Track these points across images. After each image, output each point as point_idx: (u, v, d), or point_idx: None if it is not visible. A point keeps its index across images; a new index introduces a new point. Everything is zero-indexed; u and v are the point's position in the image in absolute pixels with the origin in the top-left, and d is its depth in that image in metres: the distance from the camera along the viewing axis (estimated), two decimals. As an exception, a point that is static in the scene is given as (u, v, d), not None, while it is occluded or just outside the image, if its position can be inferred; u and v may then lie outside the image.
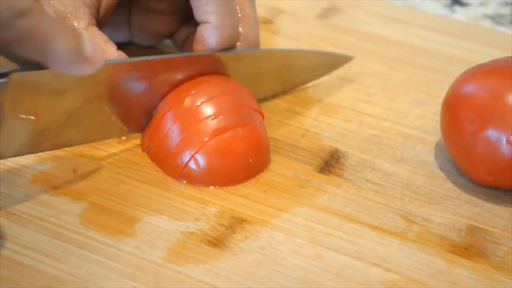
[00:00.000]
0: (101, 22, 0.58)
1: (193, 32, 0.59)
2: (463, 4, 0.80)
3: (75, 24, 0.56)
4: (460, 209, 0.55)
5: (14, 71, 0.48)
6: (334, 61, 0.66)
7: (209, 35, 0.57)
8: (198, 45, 0.58)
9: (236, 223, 0.53)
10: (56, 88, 0.51)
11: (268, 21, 0.73)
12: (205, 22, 0.57)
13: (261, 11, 0.73)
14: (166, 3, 0.62)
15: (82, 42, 0.47)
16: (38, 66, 0.47)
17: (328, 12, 0.74)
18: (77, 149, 0.57)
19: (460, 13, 0.79)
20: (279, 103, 0.63)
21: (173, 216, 0.53)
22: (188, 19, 0.62)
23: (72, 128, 0.54)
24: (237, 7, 0.59)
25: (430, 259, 0.51)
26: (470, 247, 0.52)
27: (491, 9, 0.80)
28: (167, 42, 0.65)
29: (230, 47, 0.58)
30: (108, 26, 0.60)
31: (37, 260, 0.49)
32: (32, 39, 0.45)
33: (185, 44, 0.62)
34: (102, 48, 0.55)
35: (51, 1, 0.56)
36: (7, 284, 0.48)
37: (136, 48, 0.64)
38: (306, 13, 0.74)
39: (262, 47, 0.69)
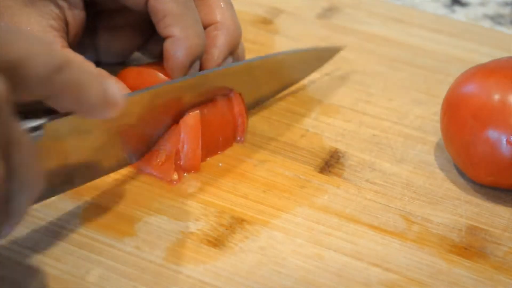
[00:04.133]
0: (72, 46, 0.57)
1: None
2: (463, 4, 0.80)
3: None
4: (460, 209, 0.55)
5: (46, 121, 0.48)
6: (322, 56, 0.65)
7: (175, 50, 0.56)
8: (167, 62, 0.56)
9: (236, 223, 0.53)
10: (83, 129, 0.51)
11: (268, 21, 0.73)
12: (169, 36, 0.56)
13: (261, 11, 0.73)
14: (132, 16, 0.60)
15: (107, 86, 0.46)
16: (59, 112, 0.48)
17: (328, 12, 0.74)
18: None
19: (460, 13, 0.79)
20: (279, 103, 0.63)
21: (173, 216, 0.53)
22: (154, 31, 0.60)
23: (98, 163, 0.54)
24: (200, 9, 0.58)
25: (430, 259, 0.51)
26: (470, 247, 0.52)
27: (491, 9, 0.80)
28: (135, 55, 0.64)
29: (199, 55, 0.57)
30: (75, 51, 0.58)
31: (37, 260, 0.49)
32: (69, 91, 0.44)
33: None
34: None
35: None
36: (7, 284, 0.48)
37: (104, 66, 0.63)
38: (306, 13, 0.74)
39: (261, 47, 0.69)
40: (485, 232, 0.53)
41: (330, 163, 0.58)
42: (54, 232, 0.51)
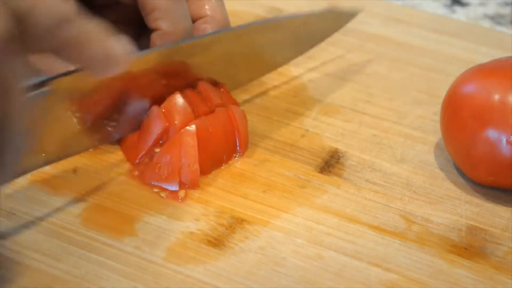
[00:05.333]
0: None
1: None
2: (463, 4, 0.80)
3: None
4: (460, 209, 0.55)
5: (53, 78, 0.48)
6: (338, 18, 0.65)
7: (161, 43, 0.56)
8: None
9: (236, 223, 0.53)
10: (88, 88, 0.51)
11: (268, 21, 0.73)
12: (156, 29, 0.56)
13: (261, 11, 0.73)
14: (123, 11, 0.60)
15: (111, 43, 0.47)
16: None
17: (328, 12, 0.74)
18: (77, 149, 0.57)
19: (460, 13, 0.79)
20: (279, 103, 0.63)
21: (173, 216, 0.53)
22: (142, 32, 0.60)
23: (102, 128, 0.54)
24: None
25: (430, 259, 0.51)
26: (470, 247, 0.52)
27: (491, 9, 0.80)
28: None
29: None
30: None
31: (37, 260, 0.49)
32: (72, 45, 0.45)
33: None
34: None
35: None
36: (7, 284, 0.48)
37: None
38: (306, 13, 0.74)
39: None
40: (485, 232, 0.53)
41: (330, 163, 0.58)
42: (54, 232, 0.51)
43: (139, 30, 0.62)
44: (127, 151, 0.57)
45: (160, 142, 0.55)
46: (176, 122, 0.55)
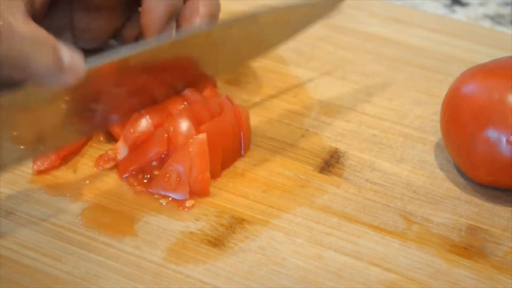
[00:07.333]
0: (38, 16, 0.55)
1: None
2: (463, 4, 0.80)
3: (11, 19, 0.52)
4: (460, 209, 0.55)
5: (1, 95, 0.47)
6: (322, 7, 0.64)
7: (155, 4, 0.56)
8: (145, 16, 0.57)
9: (236, 223, 0.53)
10: (45, 98, 0.50)
11: (268, 21, 0.73)
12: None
13: (261, 11, 0.73)
14: None
15: (60, 54, 0.46)
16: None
17: (328, 12, 0.74)
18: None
19: (460, 13, 0.79)
20: (279, 103, 0.63)
21: (173, 216, 0.53)
22: (130, 15, 0.61)
23: (66, 129, 0.53)
24: None
25: (430, 259, 0.51)
26: (470, 247, 0.52)
27: (491, 9, 0.80)
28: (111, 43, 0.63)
29: (176, 13, 0.57)
30: (50, 32, 0.59)
31: (37, 260, 0.49)
32: (9, 62, 0.44)
33: (140, 39, 0.60)
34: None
35: None
36: (7, 284, 0.48)
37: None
38: (306, 13, 0.74)
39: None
40: (485, 232, 0.53)
41: (330, 163, 0.58)
42: (54, 232, 0.51)
43: (124, 19, 0.62)
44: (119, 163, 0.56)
45: (154, 163, 0.55)
46: (179, 141, 0.54)
